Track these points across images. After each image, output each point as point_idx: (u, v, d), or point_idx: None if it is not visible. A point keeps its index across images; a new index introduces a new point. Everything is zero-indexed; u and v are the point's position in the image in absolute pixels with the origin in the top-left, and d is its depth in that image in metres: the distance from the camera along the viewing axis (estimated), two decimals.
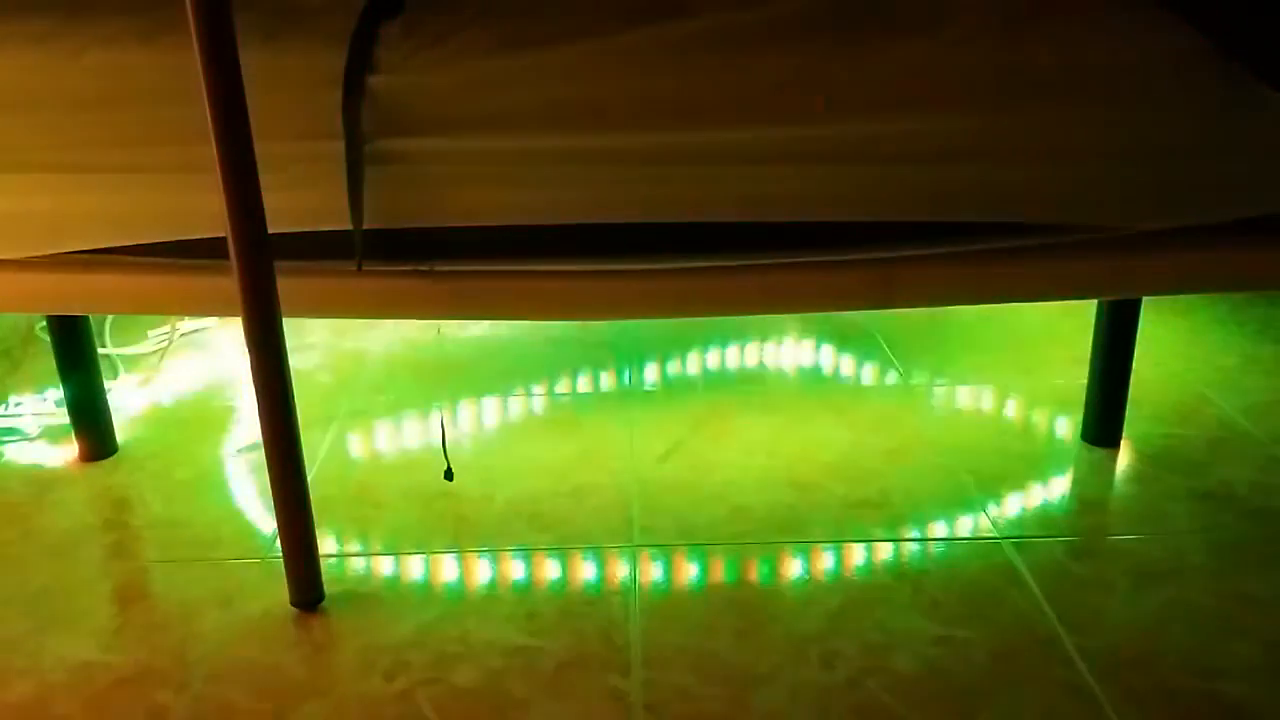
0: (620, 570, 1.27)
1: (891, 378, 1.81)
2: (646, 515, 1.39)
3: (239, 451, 1.58)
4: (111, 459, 1.57)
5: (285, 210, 1.08)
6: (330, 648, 1.15)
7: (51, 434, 1.64)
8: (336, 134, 1.08)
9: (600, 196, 1.12)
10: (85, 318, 1.49)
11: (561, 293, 1.19)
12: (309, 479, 1.17)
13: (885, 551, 1.30)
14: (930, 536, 1.33)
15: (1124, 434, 1.54)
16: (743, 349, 1.92)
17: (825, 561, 1.28)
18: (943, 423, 1.63)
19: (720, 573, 1.26)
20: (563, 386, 1.80)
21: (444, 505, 1.42)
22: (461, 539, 1.35)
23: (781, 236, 1.13)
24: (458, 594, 1.23)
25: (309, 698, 1.07)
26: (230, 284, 1.06)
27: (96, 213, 1.16)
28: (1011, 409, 1.68)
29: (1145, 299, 1.45)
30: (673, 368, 1.86)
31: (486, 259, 1.16)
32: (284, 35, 1.11)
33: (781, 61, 1.09)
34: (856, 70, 1.08)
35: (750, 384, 1.81)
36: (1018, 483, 1.45)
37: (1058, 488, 1.45)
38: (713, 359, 1.89)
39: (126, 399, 1.75)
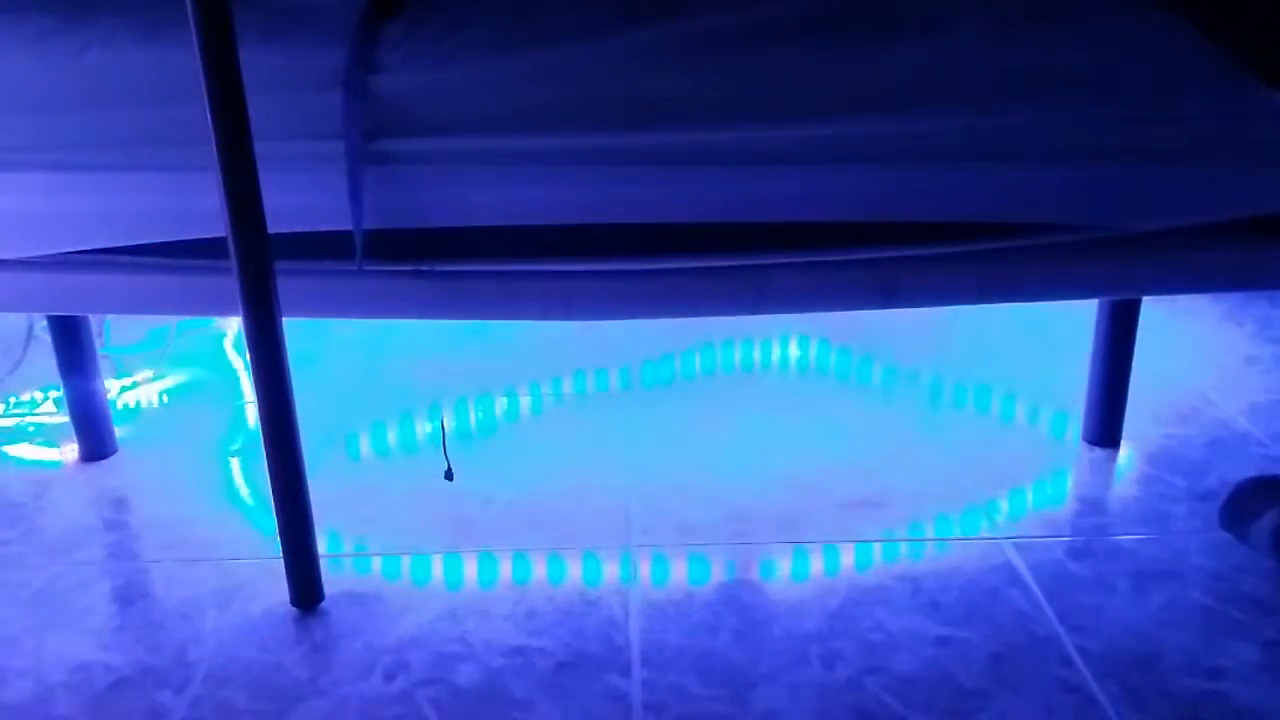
0: (620, 570, 1.27)
1: (891, 377, 1.81)
2: (646, 515, 1.39)
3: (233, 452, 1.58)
4: (111, 459, 1.57)
5: (285, 210, 1.08)
6: (330, 648, 1.15)
7: (51, 434, 1.64)
8: (336, 134, 1.08)
9: (600, 196, 1.12)
10: (85, 318, 1.49)
11: (561, 293, 1.19)
12: (309, 479, 1.18)
13: (885, 551, 1.30)
14: (930, 536, 1.33)
15: (1124, 434, 1.54)
16: (742, 349, 1.92)
17: (825, 561, 1.28)
18: (943, 423, 1.63)
19: (720, 573, 1.26)
20: (563, 386, 1.80)
21: (444, 505, 1.42)
22: (461, 539, 1.34)
23: (781, 236, 1.13)
24: (458, 594, 1.23)
25: (309, 698, 1.07)
26: (230, 284, 1.06)
27: (96, 213, 1.16)
28: (1011, 409, 1.68)
29: (1145, 299, 1.45)
30: (672, 367, 1.86)
31: (486, 259, 1.16)
32: (284, 35, 1.11)
33: (781, 61, 1.09)
34: (856, 70, 1.09)
35: (750, 383, 1.81)
36: (1018, 483, 1.45)
37: (1058, 488, 1.45)
38: (712, 359, 1.89)
39: (126, 399, 1.75)
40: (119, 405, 1.71)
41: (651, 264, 1.16)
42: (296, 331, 1.14)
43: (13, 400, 1.74)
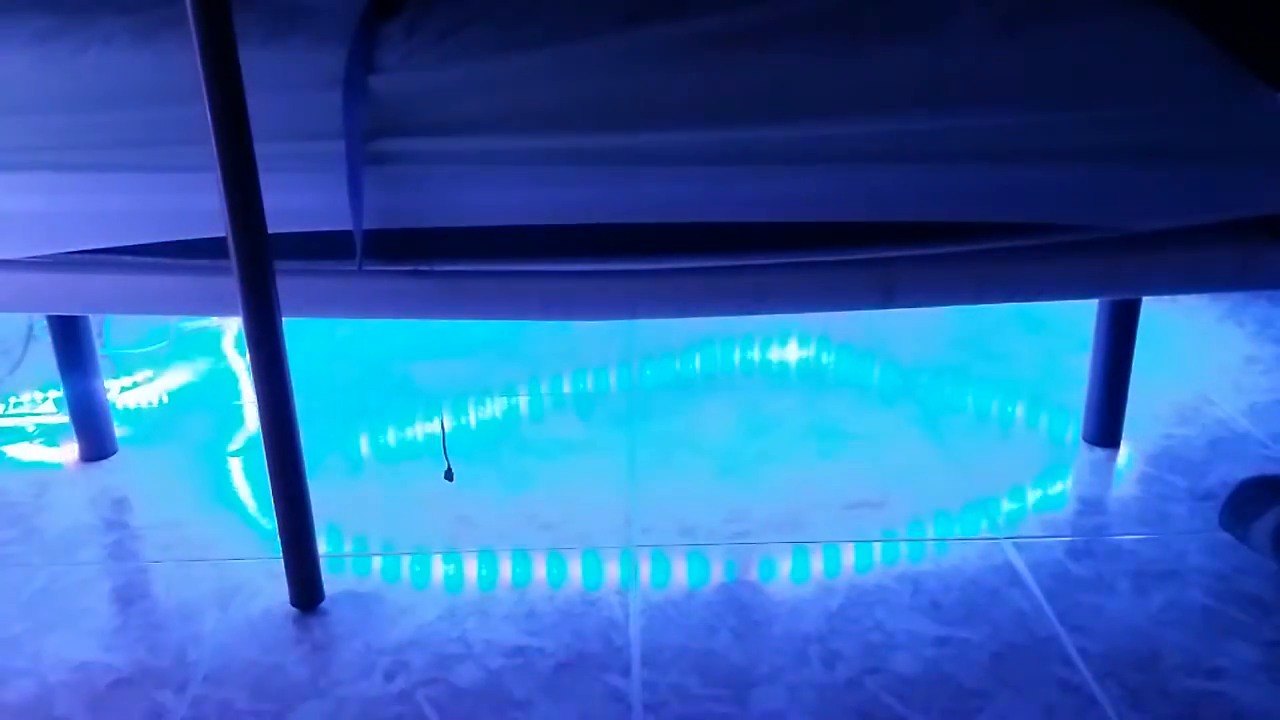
0: (620, 570, 1.27)
1: (891, 377, 1.81)
2: (646, 515, 1.39)
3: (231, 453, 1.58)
4: (111, 459, 1.57)
5: (285, 210, 1.08)
6: (330, 648, 1.15)
7: (51, 434, 1.64)
8: (336, 134, 1.08)
9: (599, 196, 1.12)
10: (85, 318, 1.49)
11: (561, 293, 1.19)
12: (309, 479, 1.17)
13: (885, 551, 1.30)
14: (930, 536, 1.33)
15: (1124, 434, 1.54)
16: (742, 349, 1.92)
17: (825, 561, 1.28)
18: (942, 422, 1.63)
19: (720, 573, 1.26)
20: (563, 386, 1.80)
21: (444, 505, 1.42)
22: (461, 539, 1.35)
23: (781, 236, 1.13)
24: (458, 594, 1.23)
25: (309, 698, 1.07)
26: (230, 284, 1.06)
27: (96, 213, 1.16)
28: (1011, 409, 1.68)
29: (1145, 299, 1.45)
30: (672, 367, 1.86)
31: (486, 259, 1.16)
32: (284, 35, 1.11)
33: (781, 61, 1.09)
34: (857, 70, 1.08)
35: (750, 383, 1.81)
36: (1018, 483, 1.45)
37: (1058, 488, 1.45)
38: (712, 359, 1.89)
39: (126, 399, 1.75)
40: (119, 405, 1.71)
41: (652, 264, 1.16)
42: (296, 331, 1.14)
43: (13, 400, 1.74)
